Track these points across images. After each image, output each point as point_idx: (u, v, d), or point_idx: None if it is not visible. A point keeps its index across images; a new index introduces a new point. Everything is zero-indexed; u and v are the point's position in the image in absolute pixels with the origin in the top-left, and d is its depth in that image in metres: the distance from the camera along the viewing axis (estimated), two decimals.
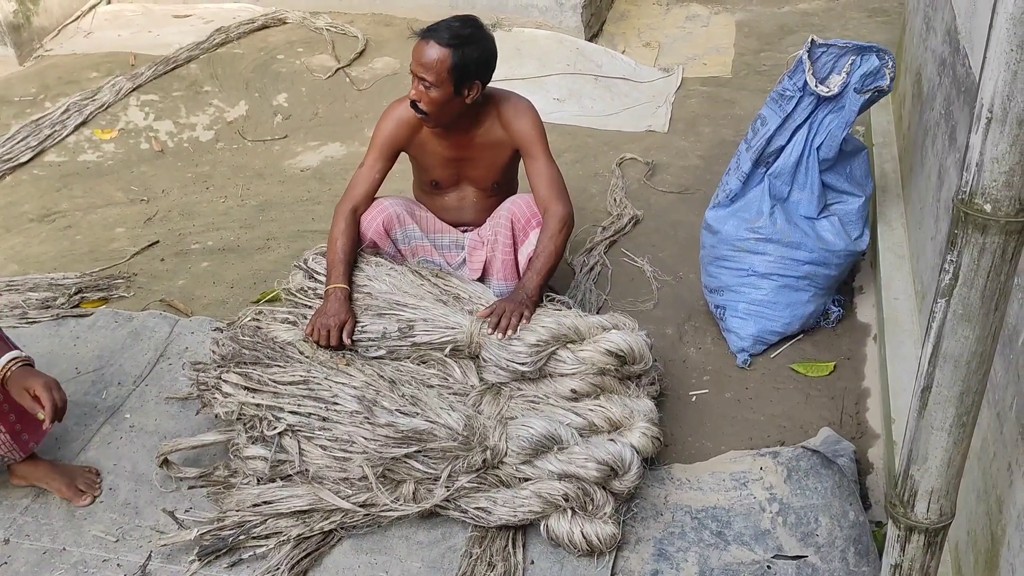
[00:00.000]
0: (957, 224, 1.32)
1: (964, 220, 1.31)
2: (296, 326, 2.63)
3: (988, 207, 1.28)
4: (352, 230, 2.71)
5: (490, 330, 2.44)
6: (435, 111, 2.60)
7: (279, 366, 2.44)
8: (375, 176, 2.76)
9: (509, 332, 2.42)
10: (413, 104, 2.61)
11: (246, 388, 2.39)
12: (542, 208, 2.68)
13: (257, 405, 2.36)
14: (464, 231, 2.93)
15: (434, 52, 2.53)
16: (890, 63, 2.70)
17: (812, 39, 2.75)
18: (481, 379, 2.46)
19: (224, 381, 2.42)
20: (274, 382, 2.39)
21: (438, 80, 2.54)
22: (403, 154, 2.83)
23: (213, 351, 2.59)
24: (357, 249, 2.72)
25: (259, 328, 2.63)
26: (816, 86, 2.71)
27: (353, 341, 2.53)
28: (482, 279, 2.84)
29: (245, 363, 2.45)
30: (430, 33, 2.56)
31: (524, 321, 2.45)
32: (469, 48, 2.56)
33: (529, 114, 2.71)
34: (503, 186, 2.87)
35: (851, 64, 2.69)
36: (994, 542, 1.79)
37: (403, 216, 2.81)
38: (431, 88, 2.56)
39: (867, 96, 2.72)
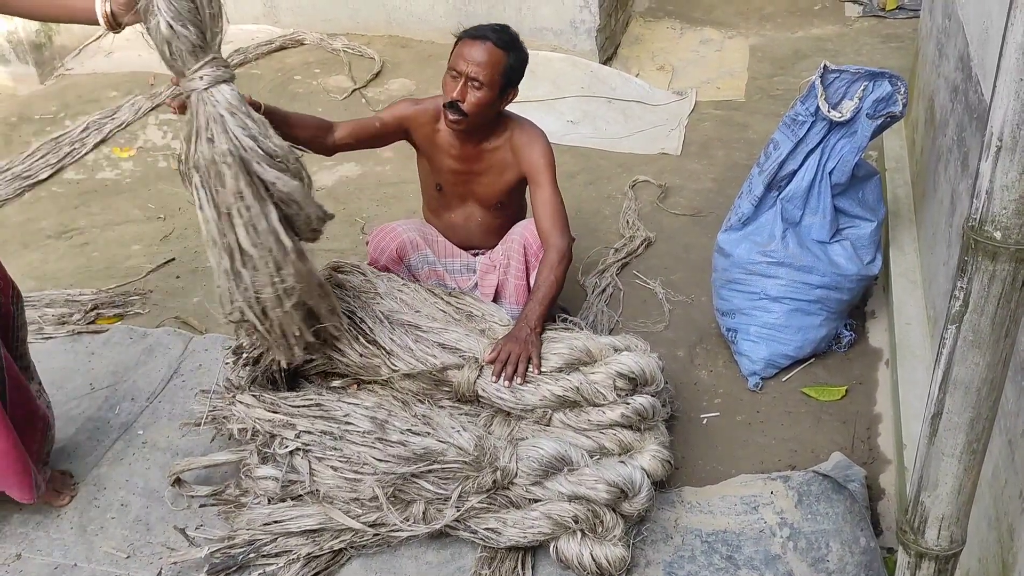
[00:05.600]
0: (967, 251, 1.33)
1: (974, 247, 1.31)
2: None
3: (998, 234, 1.28)
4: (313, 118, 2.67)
5: (495, 378, 2.41)
6: (476, 112, 2.56)
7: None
8: (373, 124, 2.70)
9: (517, 380, 2.40)
10: (453, 104, 2.54)
11: (261, 407, 2.41)
12: (543, 238, 2.65)
13: (270, 421, 2.37)
14: (475, 255, 2.94)
15: (491, 52, 2.51)
16: (902, 89, 2.71)
17: (825, 64, 2.76)
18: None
19: (239, 401, 2.43)
20: (288, 404, 2.41)
21: (489, 81, 2.52)
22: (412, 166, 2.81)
23: (228, 379, 2.59)
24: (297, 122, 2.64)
25: None
26: (828, 111, 2.72)
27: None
28: (494, 302, 2.82)
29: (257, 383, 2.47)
30: (483, 34, 2.53)
31: (533, 361, 2.41)
32: (518, 52, 2.57)
33: (540, 142, 2.68)
34: (508, 207, 2.86)
35: (863, 89, 2.70)
36: (1005, 570, 1.78)
37: (417, 241, 2.82)
38: (481, 88, 2.52)
39: (879, 121, 2.73)
